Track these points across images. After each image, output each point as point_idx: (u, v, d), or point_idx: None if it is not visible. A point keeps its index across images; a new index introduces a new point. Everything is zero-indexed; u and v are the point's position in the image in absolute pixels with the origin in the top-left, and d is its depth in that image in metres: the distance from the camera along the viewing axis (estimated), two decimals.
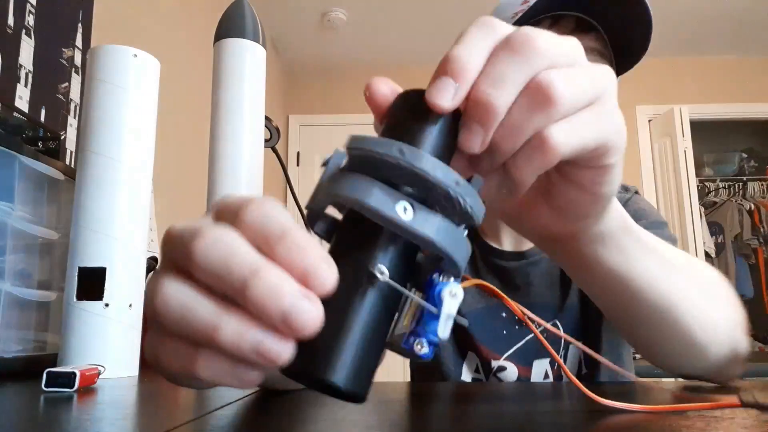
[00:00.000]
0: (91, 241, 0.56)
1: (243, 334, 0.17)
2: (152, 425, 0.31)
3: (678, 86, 3.63)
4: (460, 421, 0.31)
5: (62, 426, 0.29)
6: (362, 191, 0.19)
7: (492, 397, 0.41)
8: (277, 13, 3.03)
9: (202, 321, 0.18)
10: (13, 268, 0.58)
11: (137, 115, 0.61)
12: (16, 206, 0.59)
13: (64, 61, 1.24)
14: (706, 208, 4.11)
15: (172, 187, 1.76)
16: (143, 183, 0.61)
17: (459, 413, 0.34)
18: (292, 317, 0.17)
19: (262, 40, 0.74)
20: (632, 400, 0.37)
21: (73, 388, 0.42)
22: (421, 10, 3.01)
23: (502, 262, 0.74)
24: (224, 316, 0.17)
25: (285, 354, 0.17)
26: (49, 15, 1.19)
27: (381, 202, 0.19)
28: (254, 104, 0.72)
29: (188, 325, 0.18)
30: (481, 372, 0.71)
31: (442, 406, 0.37)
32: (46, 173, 0.65)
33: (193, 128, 1.97)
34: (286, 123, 3.69)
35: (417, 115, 0.22)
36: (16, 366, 0.56)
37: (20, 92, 1.08)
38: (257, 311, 0.17)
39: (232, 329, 0.17)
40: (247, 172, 0.70)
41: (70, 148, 1.23)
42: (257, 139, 0.72)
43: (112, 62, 0.60)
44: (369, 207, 0.19)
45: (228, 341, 0.17)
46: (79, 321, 0.55)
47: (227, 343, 0.17)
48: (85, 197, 0.57)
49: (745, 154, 4.46)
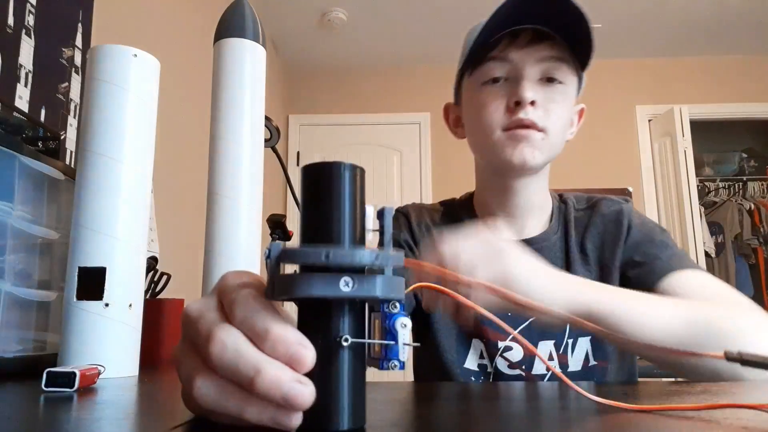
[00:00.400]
0: (91, 241, 0.56)
1: (262, 413, 0.24)
2: (152, 425, 0.31)
3: (678, 86, 3.63)
4: (460, 421, 0.31)
5: (62, 426, 0.29)
6: (308, 287, 0.25)
7: (491, 397, 0.41)
8: (277, 13, 3.03)
9: (232, 406, 0.25)
10: (13, 268, 0.58)
11: (137, 115, 0.61)
12: (16, 206, 0.59)
13: (64, 61, 1.24)
14: (706, 208, 4.11)
15: (172, 187, 1.76)
16: (143, 183, 0.61)
17: (458, 413, 0.34)
18: (290, 399, 0.23)
19: (262, 40, 0.74)
20: (635, 399, 0.37)
21: (73, 388, 0.42)
22: (421, 10, 3.01)
23: None
24: (246, 403, 0.24)
25: (295, 421, 0.24)
26: (49, 15, 1.19)
27: (326, 289, 0.25)
28: (254, 104, 0.72)
29: (222, 409, 0.25)
30: (486, 357, 0.72)
31: (442, 406, 0.37)
32: (46, 173, 0.65)
33: (193, 128, 1.97)
34: (286, 123, 3.69)
35: (324, 191, 0.27)
36: (16, 366, 0.56)
37: (20, 92, 1.08)
38: (265, 398, 0.24)
39: (254, 410, 0.24)
40: (247, 172, 0.70)
41: (70, 148, 1.24)
42: (257, 139, 0.72)
43: (112, 62, 0.60)
44: (319, 296, 0.25)
45: (253, 418, 0.24)
46: (79, 321, 0.55)
47: (253, 419, 0.24)
48: (85, 197, 0.57)
49: (745, 154, 4.46)
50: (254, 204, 0.70)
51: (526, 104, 0.69)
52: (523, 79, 0.70)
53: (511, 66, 0.71)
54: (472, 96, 0.76)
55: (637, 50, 3.57)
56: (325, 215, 0.26)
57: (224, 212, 0.68)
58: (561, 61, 0.71)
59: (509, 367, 0.71)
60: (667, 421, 0.28)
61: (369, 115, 3.70)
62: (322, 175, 0.27)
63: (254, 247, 0.70)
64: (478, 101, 0.74)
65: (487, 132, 0.72)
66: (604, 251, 0.76)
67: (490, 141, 0.72)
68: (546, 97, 0.71)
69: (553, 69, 0.71)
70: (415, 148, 3.66)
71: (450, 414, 0.34)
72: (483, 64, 0.73)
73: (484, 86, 0.73)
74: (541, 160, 0.72)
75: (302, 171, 0.28)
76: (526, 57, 0.70)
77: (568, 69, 0.72)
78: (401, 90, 3.71)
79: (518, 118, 0.69)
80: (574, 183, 3.47)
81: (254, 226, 0.70)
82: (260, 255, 0.72)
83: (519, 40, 0.71)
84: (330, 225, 0.26)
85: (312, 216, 0.27)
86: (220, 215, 0.68)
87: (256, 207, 0.70)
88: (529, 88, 0.69)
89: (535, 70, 0.71)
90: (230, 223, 0.68)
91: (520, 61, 0.71)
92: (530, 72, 0.71)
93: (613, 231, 0.76)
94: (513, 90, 0.71)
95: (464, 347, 0.74)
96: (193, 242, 1.77)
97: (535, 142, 0.70)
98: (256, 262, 0.70)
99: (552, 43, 0.71)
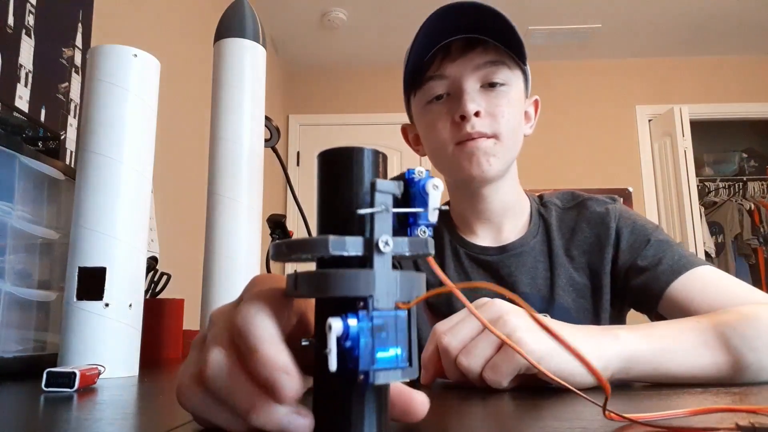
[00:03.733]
0: (91, 241, 0.56)
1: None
2: (152, 425, 0.31)
3: (678, 86, 3.64)
4: (460, 421, 0.31)
5: (62, 426, 0.29)
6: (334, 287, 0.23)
7: (489, 398, 0.41)
8: (277, 13, 3.03)
9: (222, 421, 0.25)
10: (13, 268, 0.58)
11: (137, 115, 0.61)
12: (16, 206, 0.59)
13: (64, 61, 1.24)
14: (706, 208, 4.11)
15: (172, 187, 1.76)
16: (143, 183, 0.61)
17: (458, 413, 0.34)
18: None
19: (262, 40, 0.74)
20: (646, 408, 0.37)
21: (73, 388, 0.42)
22: (421, 10, 3.01)
23: (485, 256, 0.79)
24: (236, 419, 0.25)
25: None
26: (49, 15, 1.19)
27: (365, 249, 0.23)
28: (254, 104, 0.72)
29: (210, 420, 0.26)
30: None
31: (443, 405, 0.37)
32: (46, 173, 0.65)
33: (193, 128, 1.97)
34: (286, 123, 3.70)
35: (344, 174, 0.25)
36: (16, 366, 0.56)
37: (20, 92, 1.08)
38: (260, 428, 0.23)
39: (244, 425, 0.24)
40: (247, 172, 0.70)
41: (70, 148, 1.24)
42: (257, 139, 0.72)
43: (112, 62, 0.60)
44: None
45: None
46: (79, 321, 0.55)
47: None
48: (85, 197, 0.57)
49: (745, 154, 4.46)
50: (254, 204, 0.70)
51: (470, 117, 0.70)
52: (463, 93, 0.71)
53: (449, 81, 0.73)
54: (420, 116, 0.77)
55: (637, 50, 3.57)
56: (347, 202, 0.24)
57: (224, 212, 0.68)
58: (497, 64, 0.72)
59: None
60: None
61: (369, 115, 3.70)
62: (343, 160, 0.25)
63: (254, 247, 0.70)
64: (427, 121, 0.75)
65: (440, 150, 0.74)
66: (592, 256, 0.76)
67: (446, 157, 0.74)
68: (490, 103, 0.72)
69: (491, 74, 0.72)
70: None
71: (450, 413, 0.33)
72: (423, 84, 0.75)
73: (428, 105, 0.75)
74: (499, 166, 0.72)
75: (320, 157, 0.25)
76: (462, 69, 0.72)
77: (507, 69, 0.73)
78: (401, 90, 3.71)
79: (466, 132, 0.70)
80: (574, 183, 3.49)
81: (254, 226, 0.70)
82: (260, 255, 0.72)
83: (452, 52, 0.72)
84: (352, 213, 0.24)
85: (331, 203, 0.25)
86: (220, 215, 0.68)
87: (256, 207, 0.70)
88: (470, 101, 0.70)
89: (474, 79, 0.72)
90: (230, 223, 0.68)
91: (458, 74, 0.72)
92: (469, 83, 0.72)
93: (599, 234, 0.76)
94: (455, 106, 0.72)
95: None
96: (193, 242, 1.78)
97: (488, 150, 0.71)
98: (256, 262, 0.70)
99: (485, 48, 0.72)
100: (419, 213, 0.24)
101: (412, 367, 0.23)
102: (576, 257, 0.77)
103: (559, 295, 0.75)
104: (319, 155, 0.26)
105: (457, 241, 0.81)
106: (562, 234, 0.78)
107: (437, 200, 0.24)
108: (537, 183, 3.41)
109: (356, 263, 0.23)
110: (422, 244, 0.25)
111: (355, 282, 0.22)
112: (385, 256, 0.23)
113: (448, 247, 0.81)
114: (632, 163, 3.55)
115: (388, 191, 0.24)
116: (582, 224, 0.78)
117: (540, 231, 0.79)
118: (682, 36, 3.40)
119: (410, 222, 0.25)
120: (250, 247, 0.69)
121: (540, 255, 0.77)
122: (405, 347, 0.23)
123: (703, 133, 4.09)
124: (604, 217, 0.76)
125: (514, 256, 0.77)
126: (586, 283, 0.76)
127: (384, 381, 0.22)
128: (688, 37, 3.41)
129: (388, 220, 0.24)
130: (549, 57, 3.54)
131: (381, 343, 0.22)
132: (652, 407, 0.35)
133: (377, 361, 0.22)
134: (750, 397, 0.40)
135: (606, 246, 0.75)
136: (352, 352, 0.22)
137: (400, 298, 0.23)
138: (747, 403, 0.37)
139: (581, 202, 0.80)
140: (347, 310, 0.22)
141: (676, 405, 0.36)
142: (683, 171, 3.29)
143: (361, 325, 0.22)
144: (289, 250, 0.24)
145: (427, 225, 0.25)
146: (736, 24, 3.26)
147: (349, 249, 0.23)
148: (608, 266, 0.75)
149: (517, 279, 0.76)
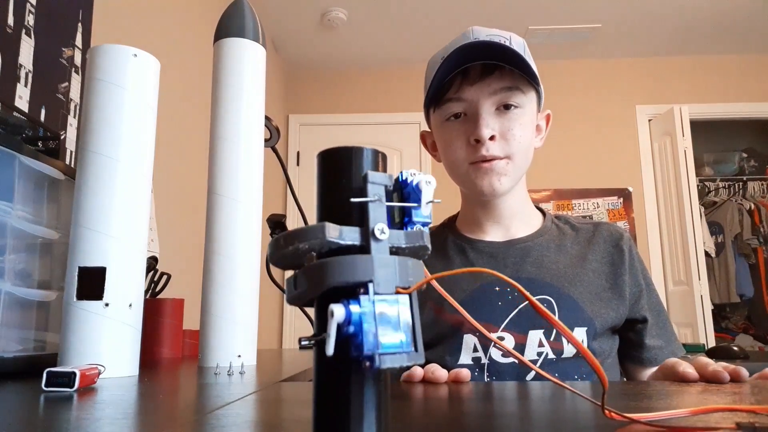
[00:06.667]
0: (90, 241, 0.56)
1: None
2: (152, 425, 0.31)
3: (678, 86, 3.63)
4: (460, 420, 0.31)
5: (62, 426, 0.29)
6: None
7: (489, 397, 0.41)
8: (277, 13, 3.03)
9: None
10: (13, 268, 0.58)
11: (137, 115, 0.61)
12: (15, 206, 0.59)
13: (64, 60, 1.24)
14: (706, 207, 4.11)
15: (172, 187, 1.76)
16: (143, 183, 0.61)
17: (458, 413, 0.34)
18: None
19: (262, 40, 0.74)
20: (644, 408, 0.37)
21: (73, 387, 0.42)
22: (420, 10, 3.01)
23: (491, 248, 0.83)
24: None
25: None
26: (49, 15, 1.19)
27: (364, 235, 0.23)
28: (254, 104, 0.72)
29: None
30: (480, 350, 0.75)
31: (443, 405, 0.37)
32: (46, 173, 0.65)
33: (193, 128, 1.97)
34: (286, 123, 3.69)
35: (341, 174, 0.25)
36: (16, 366, 0.56)
37: (20, 92, 1.08)
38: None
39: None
40: (247, 172, 0.70)
41: (70, 148, 1.24)
42: (257, 138, 0.72)
43: (112, 62, 0.60)
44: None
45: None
46: (79, 321, 0.55)
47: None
48: (85, 197, 0.57)
49: (745, 153, 4.45)
50: (254, 204, 0.70)
51: (485, 142, 0.75)
52: (479, 116, 0.76)
53: (467, 103, 0.77)
54: (438, 131, 0.83)
55: (637, 50, 3.57)
56: (347, 201, 0.24)
57: (224, 212, 0.68)
58: (512, 89, 0.77)
59: (503, 356, 0.74)
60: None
61: (369, 115, 3.70)
62: (342, 160, 0.25)
63: (254, 247, 0.70)
64: (445, 138, 0.81)
65: (456, 166, 0.80)
66: (613, 268, 0.81)
67: (461, 174, 0.79)
68: (504, 126, 0.76)
69: (507, 98, 0.77)
70: (414, 147, 3.66)
71: (450, 414, 0.33)
72: (443, 105, 0.79)
73: (446, 123, 0.80)
74: (510, 183, 0.78)
75: (320, 157, 0.25)
76: (480, 93, 0.76)
77: (522, 93, 0.78)
78: (401, 90, 3.71)
79: (481, 155, 0.76)
80: (574, 183, 3.49)
81: (254, 226, 0.70)
82: (260, 255, 0.72)
83: (470, 75, 0.77)
84: (352, 212, 0.24)
85: (331, 202, 0.25)
86: (220, 215, 0.68)
87: (256, 207, 0.70)
88: (484, 126, 0.75)
89: (490, 103, 0.77)
90: (230, 223, 0.68)
91: (475, 98, 0.77)
92: (485, 106, 0.76)
93: (616, 253, 0.82)
94: (471, 128, 0.76)
95: (456, 347, 0.75)
96: (193, 242, 1.78)
97: (500, 170, 0.77)
98: (256, 262, 0.70)
99: (501, 73, 0.76)
100: (414, 211, 0.25)
101: (417, 351, 0.23)
102: (594, 263, 0.81)
103: (565, 287, 0.77)
104: (319, 155, 0.26)
105: (462, 240, 0.85)
106: (578, 241, 0.84)
107: (430, 194, 0.25)
108: (537, 183, 3.41)
109: (354, 252, 0.23)
110: (418, 236, 0.25)
111: (354, 267, 0.22)
112: (383, 243, 0.23)
113: (452, 247, 0.85)
114: (632, 163, 3.55)
115: (380, 183, 0.24)
116: (599, 240, 0.83)
117: (551, 232, 0.84)
118: (682, 36, 3.39)
119: (406, 221, 0.25)
120: (250, 247, 0.69)
121: (547, 250, 0.82)
122: (409, 332, 0.23)
123: (703, 133, 4.09)
124: (619, 240, 0.83)
125: (520, 249, 0.82)
126: (603, 285, 0.79)
127: (390, 365, 0.21)
128: (688, 36, 3.41)
129: (383, 210, 0.24)
130: (549, 56, 3.54)
131: (385, 327, 0.22)
132: (652, 407, 0.35)
133: (382, 346, 0.21)
134: (750, 397, 0.40)
135: (621, 264, 0.81)
136: (356, 338, 0.21)
137: (400, 283, 0.23)
138: (747, 403, 0.37)
139: (597, 222, 0.87)
140: (348, 298, 0.22)
141: (676, 404, 0.36)
142: (683, 171, 3.29)
143: (363, 310, 0.21)
144: (286, 242, 0.24)
145: (423, 224, 0.25)
146: (736, 24, 3.26)
147: (346, 237, 0.23)
148: (625, 278, 0.81)
149: (521, 267, 0.80)
